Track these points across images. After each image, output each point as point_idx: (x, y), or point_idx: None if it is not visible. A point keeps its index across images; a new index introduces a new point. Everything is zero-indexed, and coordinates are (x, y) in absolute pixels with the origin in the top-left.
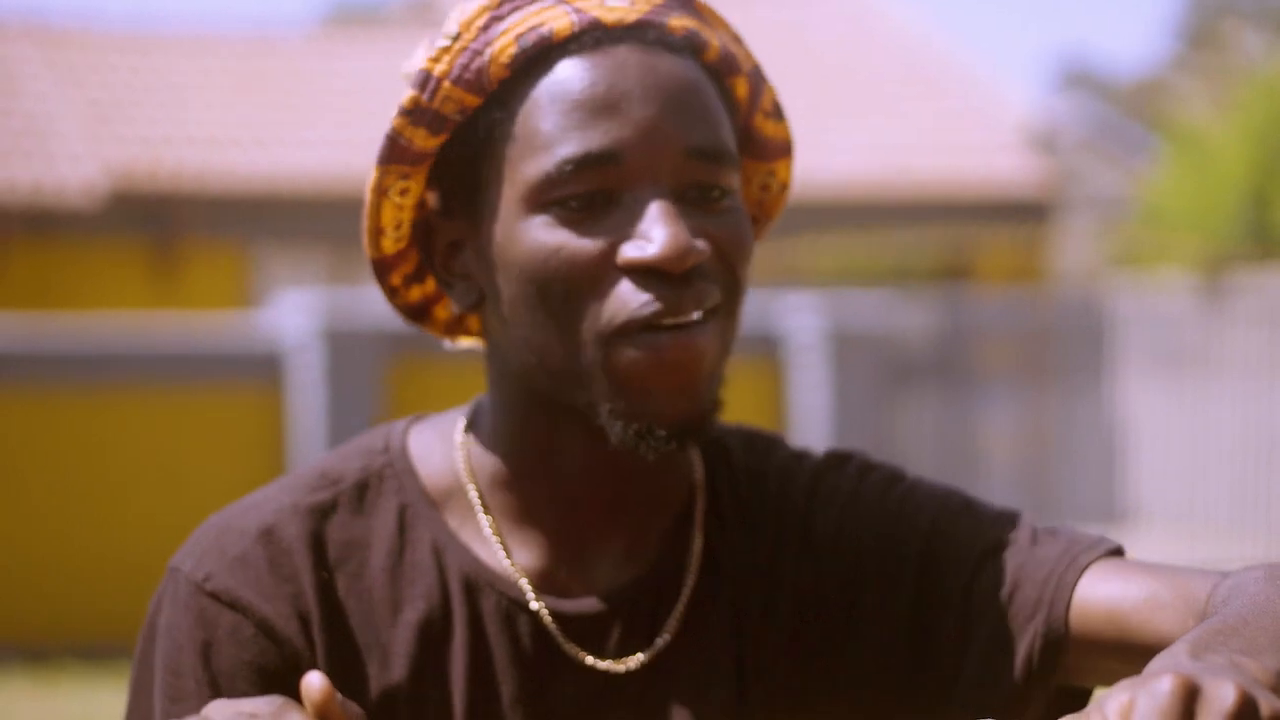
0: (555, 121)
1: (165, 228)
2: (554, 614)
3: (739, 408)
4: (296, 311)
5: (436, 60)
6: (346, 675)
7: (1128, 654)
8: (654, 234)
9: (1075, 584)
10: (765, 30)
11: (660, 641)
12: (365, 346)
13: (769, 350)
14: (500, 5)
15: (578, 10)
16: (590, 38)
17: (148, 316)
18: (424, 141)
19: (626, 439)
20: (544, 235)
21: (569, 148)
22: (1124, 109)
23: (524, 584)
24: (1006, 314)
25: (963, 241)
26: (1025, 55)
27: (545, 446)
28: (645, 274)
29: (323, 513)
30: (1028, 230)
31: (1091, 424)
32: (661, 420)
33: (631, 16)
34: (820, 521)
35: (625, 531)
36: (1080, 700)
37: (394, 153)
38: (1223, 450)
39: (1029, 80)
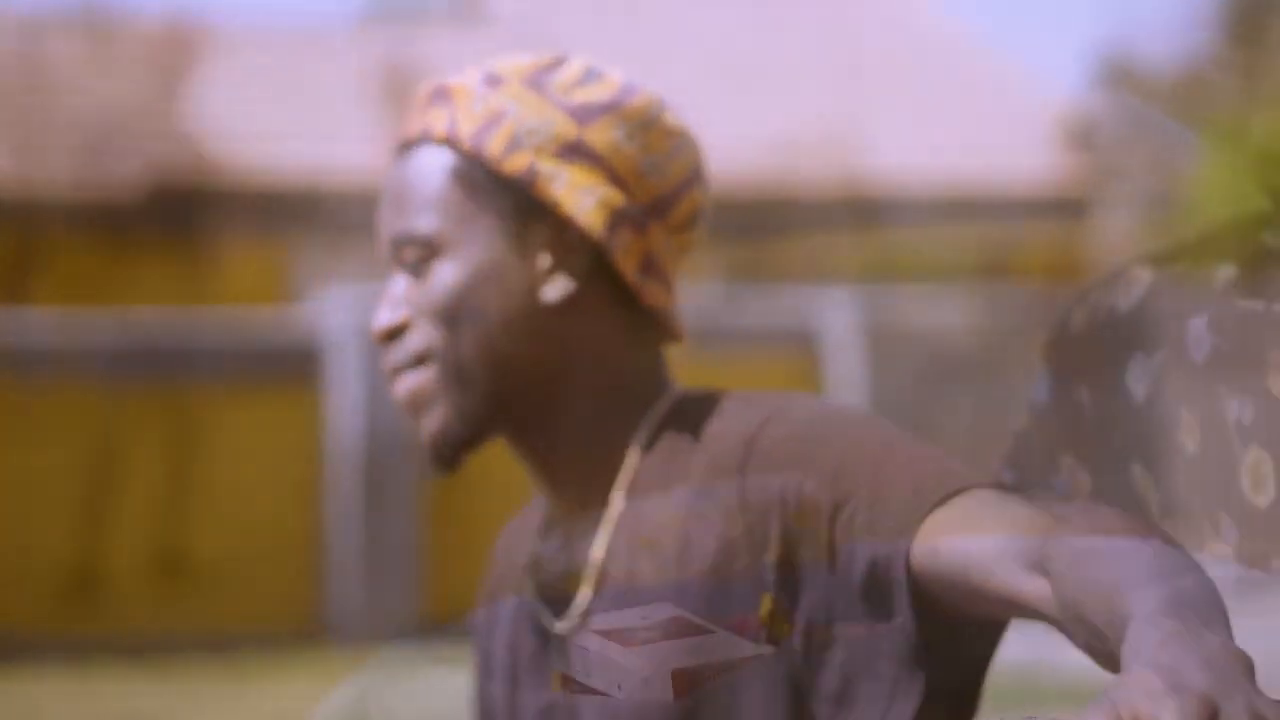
0: None
1: (207, 223)
2: (538, 587)
3: None
4: (337, 308)
5: None
6: (478, 648)
7: (979, 602)
8: None
9: (912, 543)
10: (804, 28)
11: (579, 602)
12: None
13: (806, 346)
14: None
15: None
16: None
17: (188, 312)
18: None
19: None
20: None
21: None
22: (1164, 105)
23: (538, 560)
24: (1045, 311)
25: (1001, 238)
26: (1064, 51)
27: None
28: None
29: (510, 528)
30: (1066, 227)
31: None
32: (425, 445)
33: (398, 142)
34: (750, 475)
35: (583, 509)
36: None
37: None
38: None
39: (1068, 76)
